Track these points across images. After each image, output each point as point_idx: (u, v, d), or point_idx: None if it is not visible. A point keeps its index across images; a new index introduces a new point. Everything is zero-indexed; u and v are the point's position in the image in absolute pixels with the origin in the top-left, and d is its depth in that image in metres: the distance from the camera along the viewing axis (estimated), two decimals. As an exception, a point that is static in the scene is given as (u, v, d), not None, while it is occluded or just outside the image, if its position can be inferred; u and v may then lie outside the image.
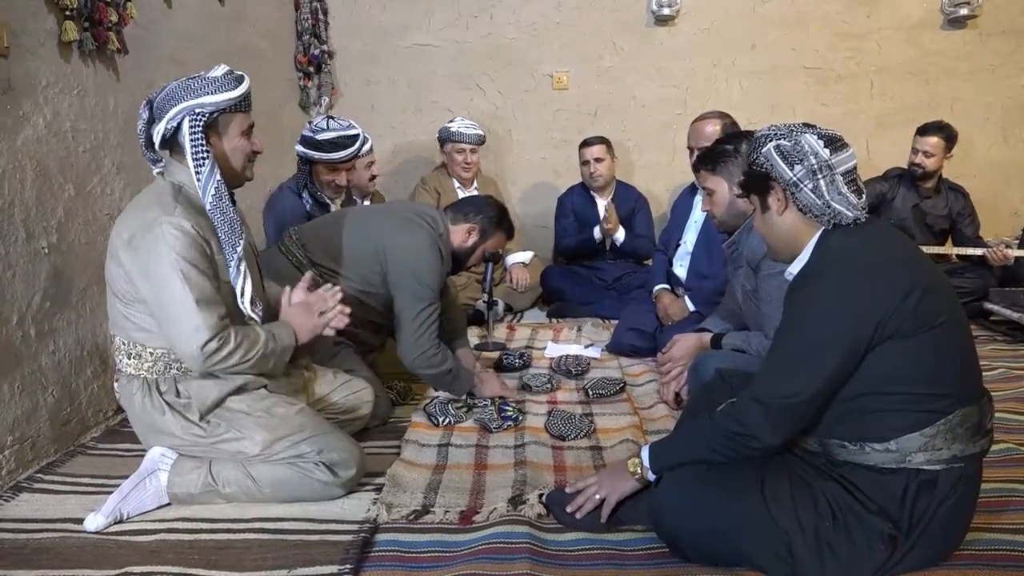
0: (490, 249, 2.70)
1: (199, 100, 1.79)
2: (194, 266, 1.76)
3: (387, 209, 2.78)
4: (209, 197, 1.82)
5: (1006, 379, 2.73)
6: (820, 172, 1.46)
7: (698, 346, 2.50)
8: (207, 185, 1.82)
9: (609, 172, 4.09)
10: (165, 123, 1.79)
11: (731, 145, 2.27)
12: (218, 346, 1.77)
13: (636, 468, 1.66)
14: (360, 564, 1.60)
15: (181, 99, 1.78)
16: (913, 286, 1.38)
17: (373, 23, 4.61)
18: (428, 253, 2.43)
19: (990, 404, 1.49)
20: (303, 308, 2.03)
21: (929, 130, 3.77)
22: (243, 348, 1.82)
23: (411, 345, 2.44)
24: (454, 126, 4.09)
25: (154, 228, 1.75)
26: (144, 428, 1.92)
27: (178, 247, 1.75)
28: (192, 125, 1.79)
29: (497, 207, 2.70)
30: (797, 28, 4.49)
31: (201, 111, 1.79)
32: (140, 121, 1.84)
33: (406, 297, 2.43)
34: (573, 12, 4.55)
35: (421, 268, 2.42)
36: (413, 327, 2.42)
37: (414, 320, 2.42)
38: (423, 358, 2.45)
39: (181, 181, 1.86)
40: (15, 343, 2.08)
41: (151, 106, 1.83)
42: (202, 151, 1.81)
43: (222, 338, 1.78)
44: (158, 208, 1.78)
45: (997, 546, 1.57)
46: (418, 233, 2.45)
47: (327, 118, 3.18)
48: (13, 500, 1.93)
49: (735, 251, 2.34)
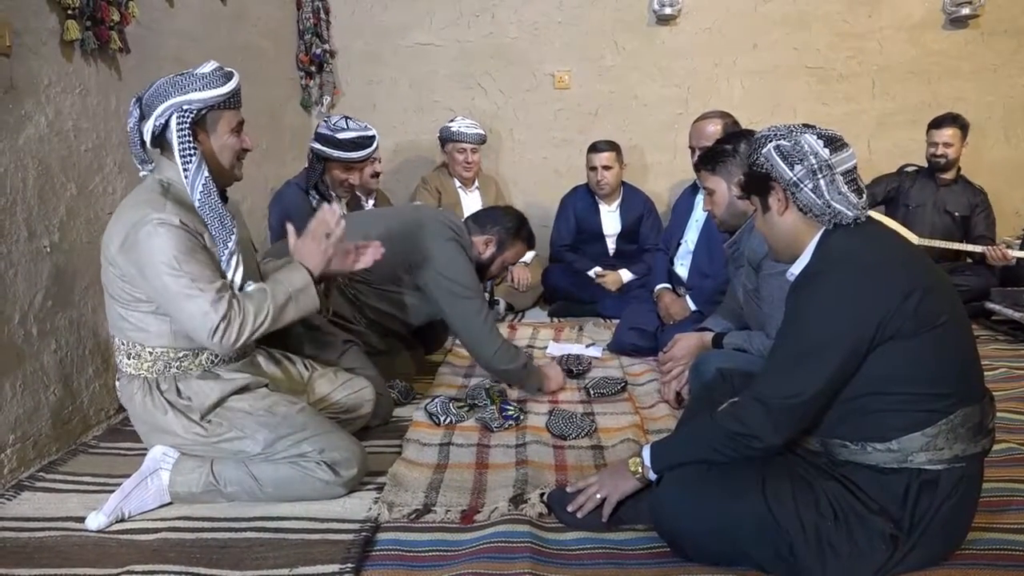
0: (510, 260, 2.73)
1: (187, 97, 1.78)
2: (188, 255, 1.75)
3: (412, 216, 2.66)
4: (197, 194, 1.81)
5: (1007, 379, 2.73)
6: (820, 172, 1.46)
7: (699, 345, 2.50)
8: (195, 182, 1.80)
9: (616, 180, 4.00)
10: (153, 120, 1.78)
11: (730, 145, 2.28)
12: (227, 326, 1.76)
13: (637, 467, 1.66)
14: (361, 563, 1.60)
15: (169, 96, 1.77)
16: (914, 286, 1.38)
17: (375, 22, 4.61)
18: (460, 258, 2.48)
19: (992, 404, 1.49)
20: (308, 238, 1.98)
21: (943, 123, 3.83)
22: (252, 315, 1.80)
23: (486, 342, 2.48)
24: (455, 126, 4.07)
25: (145, 225, 1.74)
26: (146, 427, 1.92)
27: (171, 240, 1.74)
28: (180, 122, 1.78)
29: (516, 217, 2.72)
30: (799, 28, 4.48)
31: (189, 107, 1.78)
32: (131, 119, 1.83)
33: (456, 304, 2.46)
34: (575, 11, 4.55)
35: (458, 272, 2.46)
36: (478, 326, 2.47)
37: (475, 319, 2.46)
38: (502, 351, 2.50)
39: (170, 178, 1.85)
40: (17, 342, 2.09)
41: (140, 103, 1.82)
42: (189, 148, 1.79)
43: (228, 317, 1.76)
44: (148, 206, 1.77)
45: (998, 546, 1.57)
46: (448, 244, 2.48)
47: (344, 118, 3.21)
48: (15, 499, 1.93)
49: (736, 251, 2.34)
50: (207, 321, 1.75)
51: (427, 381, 2.86)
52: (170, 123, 1.78)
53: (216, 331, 1.75)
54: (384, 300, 2.57)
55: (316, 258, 1.96)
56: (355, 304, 2.56)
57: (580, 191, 4.16)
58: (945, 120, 3.83)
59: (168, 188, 1.83)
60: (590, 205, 4.09)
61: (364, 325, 2.59)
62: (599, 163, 3.94)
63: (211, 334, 1.75)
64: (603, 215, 4.07)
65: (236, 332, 1.78)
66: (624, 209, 4.06)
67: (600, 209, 4.08)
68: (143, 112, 1.82)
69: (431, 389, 2.72)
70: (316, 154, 3.17)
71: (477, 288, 2.51)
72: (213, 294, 1.76)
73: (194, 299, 1.75)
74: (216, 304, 1.75)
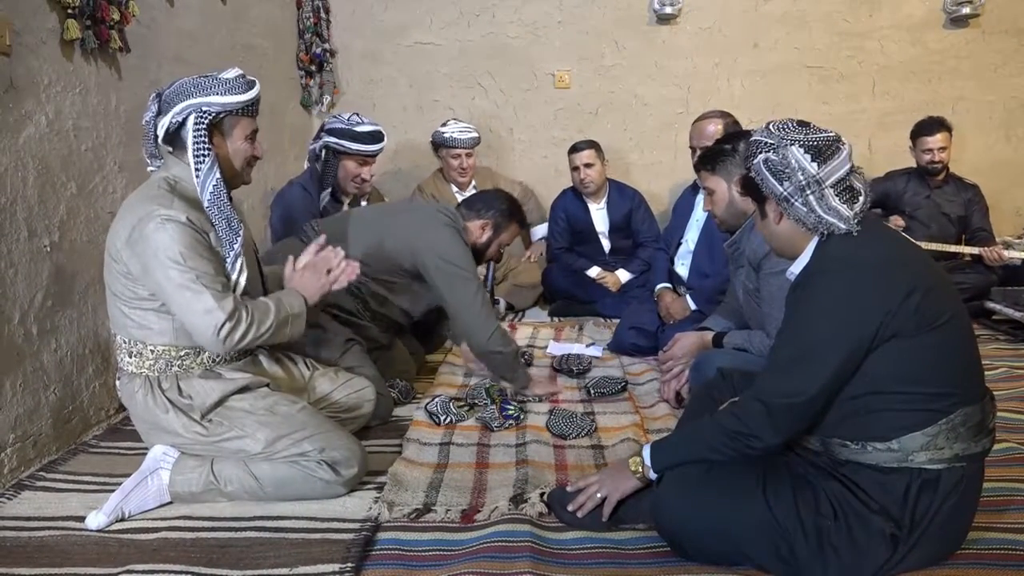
0: (506, 241, 2.77)
1: (207, 99, 1.80)
2: (194, 252, 1.77)
3: (407, 208, 2.89)
4: (207, 195, 1.83)
5: (1008, 378, 2.73)
6: (808, 188, 1.45)
7: (699, 345, 2.50)
8: (205, 182, 1.83)
9: (600, 177, 3.98)
10: (171, 117, 1.81)
11: (729, 145, 2.28)
12: (232, 326, 1.78)
13: (637, 467, 1.65)
14: (361, 563, 1.60)
15: (190, 95, 1.80)
16: (915, 286, 1.38)
17: (375, 22, 4.61)
18: (458, 243, 2.53)
19: (992, 403, 1.49)
20: (310, 270, 2.04)
21: (933, 128, 3.83)
22: (256, 322, 1.84)
23: (482, 325, 2.50)
24: (447, 131, 4.01)
25: (152, 221, 1.76)
26: (146, 426, 1.92)
27: (177, 236, 1.75)
28: (197, 122, 1.81)
29: (507, 199, 2.77)
30: (799, 27, 4.48)
31: (208, 109, 1.81)
32: (148, 113, 1.85)
33: (456, 285, 2.49)
34: (575, 11, 4.55)
35: (456, 256, 2.50)
36: (475, 309, 2.49)
37: (473, 303, 2.48)
38: (498, 334, 2.52)
39: (178, 176, 1.86)
40: (17, 341, 2.09)
41: (160, 99, 1.84)
42: (204, 148, 1.82)
43: (236, 317, 1.79)
44: (154, 202, 1.78)
45: (999, 546, 1.57)
46: (445, 229, 2.53)
47: (354, 113, 3.27)
48: (15, 498, 1.93)
49: (736, 250, 2.34)
50: (211, 318, 1.75)
51: (427, 381, 2.86)
52: (187, 122, 1.81)
53: (221, 329, 1.76)
54: (386, 289, 2.61)
55: (313, 291, 2.01)
56: (358, 297, 2.59)
57: (568, 193, 4.16)
58: (934, 126, 3.83)
59: (175, 186, 1.85)
60: (579, 205, 4.09)
61: (368, 318, 2.63)
62: (580, 162, 3.94)
63: (216, 331, 1.76)
64: (592, 213, 4.07)
65: (241, 333, 1.80)
66: (611, 205, 4.06)
67: (589, 208, 4.08)
68: (161, 108, 1.83)
69: (431, 389, 2.72)
70: (332, 149, 3.16)
71: (474, 270, 2.55)
72: (219, 291, 1.77)
73: (199, 295, 1.75)
74: (222, 302, 1.77)
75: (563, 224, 4.12)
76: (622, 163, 4.66)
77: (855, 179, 1.48)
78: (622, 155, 4.66)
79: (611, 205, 4.07)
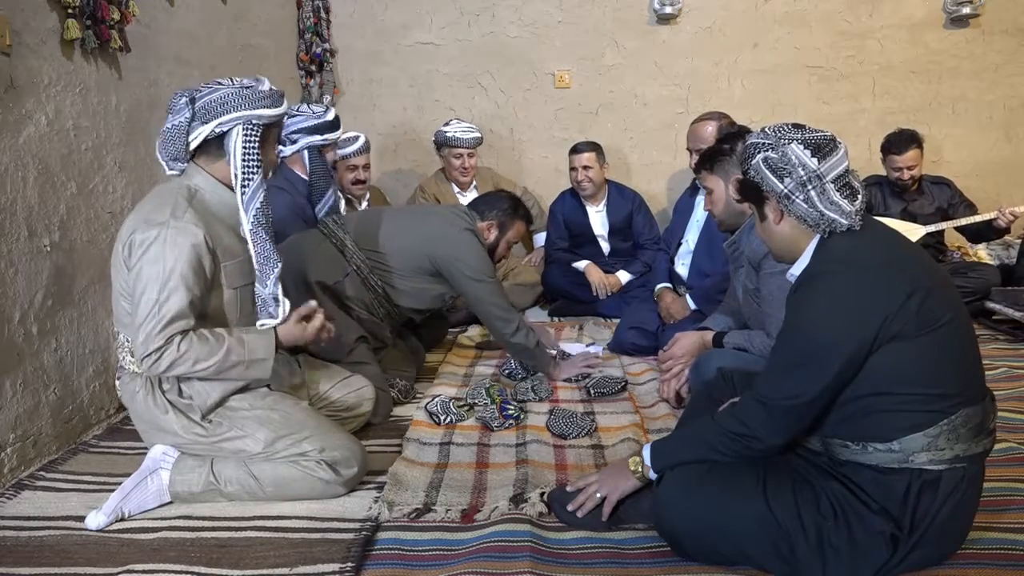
0: (513, 239, 2.87)
1: (257, 112, 1.80)
2: (181, 278, 1.73)
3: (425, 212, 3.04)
4: (251, 213, 1.83)
5: (1008, 378, 2.73)
6: (810, 183, 1.45)
7: (700, 344, 2.50)
8: (252, 199, 1.83)
9: (598, 180, 3.94)
10: (214, 126, 1.78)
11: (729, 144, 2.28)
12: (157, 359, 1.73)
13: (637, 467, 1.66)
14: (362, 563, 1.60)
15: (238, 107, 1.78)
16: (916, 287, 1.38)
17: (375, 21, 4.60)
18: (477, 246, 2.65)
19: (992, 404, 1.49)
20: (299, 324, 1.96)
21: (904, 146, 3.72)
22: (189, 361, 1.75)
23: (506, 319, 2.64)
24: (450, 130, 3.99)
25: (158, 229, 1.74)
26: (146, 426, 1.92)
27: (174, 254, 1.73)
28: (248, 134, 1.80)
29: (510, 198, 2.86)
30: (799, 27, 4.48)
31: (258, 123, 1.81)
32: (179, 116, 1.79)
33: (479, 288, 2.62)
34: (575, 10, 4.54)
35: (478, 260, 2.62)
36: (500, 306, 2.64)
37: (498, 300, 2.64)
38: (519, 329, 2.65)
39: (198, 185, 1.85)
40: (17, 341, 2.09)
41: (194, 105, 1.79)
42: (255, 161, 1.82)
43: (160, 351, 1.73)
44: (167, 210, 1.77)
45: (999, 545, 1.57)
46: (465, 233, 2.65)
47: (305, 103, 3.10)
48: (15, 498, 1.93)
49: (736, 250, 2.34)
50: (144, 345, 1.73)
51: (427, 381, 2.86)
52: (231, 133, 1.79)
53: (146, 358, 1.74)
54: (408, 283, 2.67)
55: (292, 340, 1.96)
56: (377, 292, 2.64)
57: (566, 195, 4.13)
58: (904, 142, 3.72)
59: (194, 195, 1.83)
60: (577, 208, 4.05)
61: (381, 315, 2.69)
62: (579, 164, 3.91)
63: (140, 358, 1.75)
64: (591, 216, 4.04)
65: (164, 367, 1.75)
66: (611, 208, 4.03)
67: (587, 211, 4.04)
68: (196, 114, 1.79)
69: (431, 388, 2.71)
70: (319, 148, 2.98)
71: (493, 272, 2.69)
72: (163, 324, 1.72)
73: (149, 318, 1.72)
74: (157, 336, 1.72)
75: (561, 227, 4.10)
76: (622, 163, 4.66)
77: (852, 178, 1.48)
78: (622, 155, 4.66)
79: (611, 207, 4.04)
